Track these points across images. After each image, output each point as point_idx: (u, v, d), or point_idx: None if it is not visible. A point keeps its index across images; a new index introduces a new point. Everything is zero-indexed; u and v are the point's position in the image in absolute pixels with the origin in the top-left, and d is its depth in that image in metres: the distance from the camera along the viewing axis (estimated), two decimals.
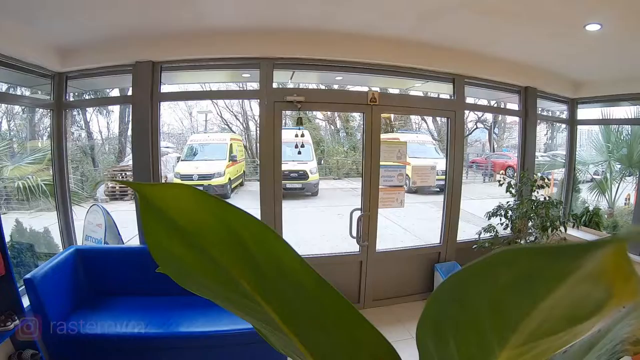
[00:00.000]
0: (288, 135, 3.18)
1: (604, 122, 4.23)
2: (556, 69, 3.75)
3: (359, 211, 3.08)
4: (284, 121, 3.53)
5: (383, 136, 3.44)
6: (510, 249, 0.25)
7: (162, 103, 2.76)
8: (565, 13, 2.32)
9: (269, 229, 0.33)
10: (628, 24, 2.42)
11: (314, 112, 12.25)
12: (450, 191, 3.45)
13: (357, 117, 12.52)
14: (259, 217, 2.67)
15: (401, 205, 3.28)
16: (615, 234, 0.24)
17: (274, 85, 2.78)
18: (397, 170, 3.24)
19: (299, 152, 3.88)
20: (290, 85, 3.29)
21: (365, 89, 3.40)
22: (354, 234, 3.08)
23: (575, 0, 2.16)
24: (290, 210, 6.74)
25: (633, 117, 3.98)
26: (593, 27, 2.47)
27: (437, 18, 2.46)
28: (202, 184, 7.66)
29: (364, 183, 3.09)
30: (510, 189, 3.39)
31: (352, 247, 3.20)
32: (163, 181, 4.04)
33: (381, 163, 3.10)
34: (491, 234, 3.33)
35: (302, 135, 3.30)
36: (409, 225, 6.25)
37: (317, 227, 6.24)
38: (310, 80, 5.13)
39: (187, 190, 0.33)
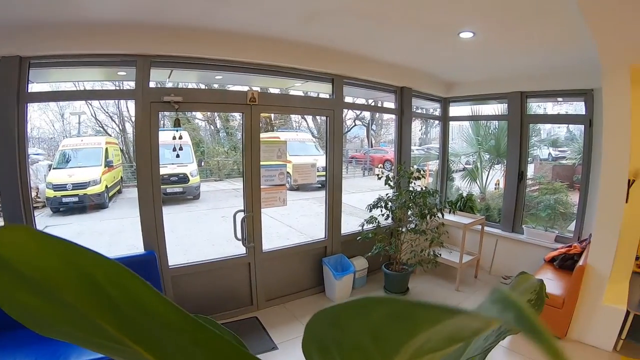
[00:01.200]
0: (166, 137, 3.44)
1: (474, 118, 5.55)
2: (431, 71, 4.81)
3: (242, 212, 3.48)
4: (162, 122, 3.82)
5: (263, 135, 3.93)
6: (378, 299, 0.29)
7: (30, 104, 2.78)
8: (441, 21, 2.92)
9: (123, 268, 0.35)
10: (498, 33, 3.20)
11: (194, 113, 12.48)
12: (331, 186, 4.13)
13: (237, 117, 13.11)
14: (139, 225, 3.04)
15: (284, 203, 3.76)
16: (483, 313, 0.26)
17: (151, 85, 2.98)
18: (278, 169, 3.70)
19: (177, 155, 4.31)
20: (170, 85, 3.57)
21: (246, 88, 3.83)
22: (239, 235, 3.47)
23: (452, 10, 2.71)
24: (173, 216, 6.98)
25: (499, 113, 5.37)
26: (466, 35, 3.18)
27: (318, 20, 2.86)
28: (78, 194, 7.95)
29: (245, 184, 3.49)
30: (389, 181, 4.19)
31: (239, 249, 3.59)
32: (34, 194, 3.89)
33: (262, 163, 3.52)
34: (373, 225, 4.11)
35: (180, 137, 3.61)
36: (294, 222, 7.31)
37: (201, 232, 6.94)
38: (189, 80, 5.37)
39: (28, 234, 0.33)
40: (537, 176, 5.45)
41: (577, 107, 4.88)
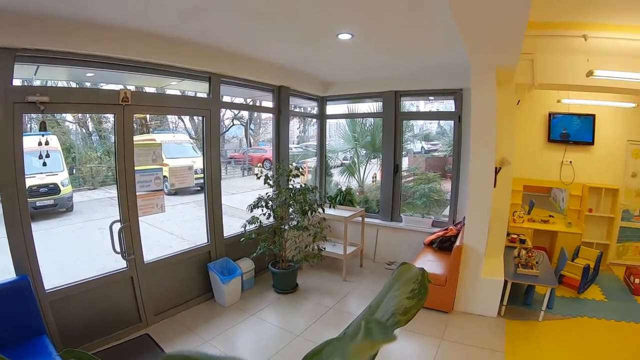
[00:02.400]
0: (31, 142, 3.54)
1: (350, 116, 6.83)
2: (309, 71, 5.84)
3: (119, 222, 3.76)
4: (28, 126, 3.77)
5: (138, 138, 4.40)
6: None
7: None
8: (321, 23, 3.53)
9: None
10: (374, 36, 3.98)
11: (63, 114, 12.24)
12: (210, 189, 4.77)
13: (111, 119, 13.16)
14: (6, 247, 3.02)
15: (162, 210, 4.20)
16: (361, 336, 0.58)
17: (16, 83, 3.01)
18: (154, 173, 4.10)
19: (44, 164, 4.57)
20: (37, 83, 3.57)
21: (120, 87, 4.05)
22: (118, 248, 3.75)
23: (331, 12, 3.24)
24: (45, 232, 7.02)
25: (374, 111, 6.75)
26: (345, 36, 3.89)
27: (200, 16, 3.23)
28: None
29: (120, 191, 3.78)
30: (268, 180, 4.99)
31: (120, 263, 3.86)
32: None
33: (136, 168, 3.85)
34: (256, 225, 4.88)
35: (47, 143, 3.80)
36: (175, 229, 8.07)
37: (79, 248, 7.23)
38: (59, 78, 5.47)
39: None
40: (411, 168, 6.92)
41: (448, 105, 6.43)
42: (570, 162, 6.68)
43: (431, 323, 4.31)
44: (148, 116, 13.79)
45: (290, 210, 5.06)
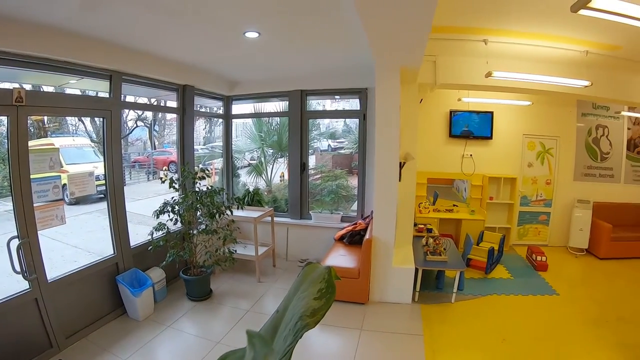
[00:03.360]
0: None
1: (256, 115, 7.51)
2: (215, 70, 6.39)
3: (17, 239, 3.75)
4: None
5: (33, 143, 4.36)
6: None
7: None
8: (228, 20, 3.84)
9: None
10: (281, 35, 4.44)
11: None
12: (113, 196, 5.02)
13: (5, 121, 12.54)
14: None
15: (63, 221, 4.25)
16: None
17: None
18: (52, 182, 4.12)
19: None
20: None
21: (15, 85, 4.06)
22: (18, 267, 3.71)
23: (238, 10, 3.55)
24: None
25: (281, 110, 7.51)
26: (252, 35, 4.31)
27: (102, 8, 3.35)
28: None
29: (15, 203, 3.74)
30: (173, 184, 5.44)
31: (22, 284, 3.81)
32: None
33: (32, 176, 3.84)
34: (163, 231, 5.25)
35: None
36: (79, 241, 8.17)
37: None
38: None
39: None
40: (318, 166, 7.82)
41: (353, 104, 7.37)
42: (471, 155, 8.20)
43: (349, 315, 4.95)
44: (45, 118, 13.35)
45: (198, 214, 5.48)
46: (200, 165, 6.25)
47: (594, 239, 8.44)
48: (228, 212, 5.51)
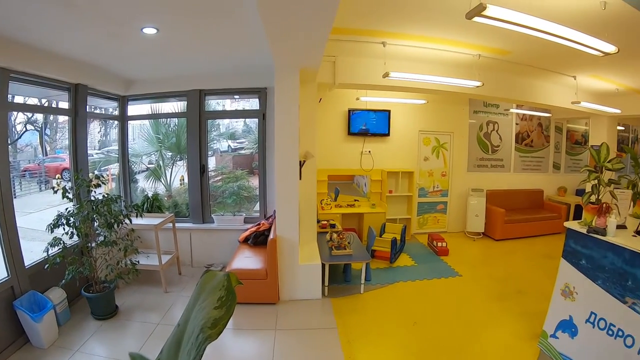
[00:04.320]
0: None
1: (153, 116, 7.47)
2: (110, 67, 6.23)
3: None
4: None
5: None
6: None
7: None
8: (124, 13, 3.74)
9: None
10: (180, 32, 4.44)
11: None
12: (1, 210, 4.42)
13: None
14: None
15: None
16: None
17: None
18: None
19: None
20: None
21: None
22: None
23: (134, 3, 3.47)
24: None
25: (179, 111, 7.56)
26: (150, 31, 4.25)
27: None
28: None
29: None
30: (67, 193, 5.12)
31: None
32: None
33: None
34: (59, 247, 4.83)
35: None
36: None
37: None
38: None
39: None
40: (219, 167, 7.85)
41: (253, 103, 7.50)
42: (369, 151, 8.92)
43: (262, 317, 5.10)
44: None
45: (95, 224, 5.23)
46: (96, 172, 6.05)
47: (490, 223, 9.68)
48: (127, 221, 5.29)
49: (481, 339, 4.79)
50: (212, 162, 7.69)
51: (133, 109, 7.38)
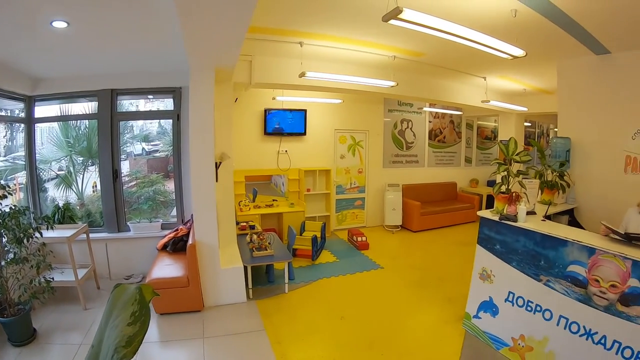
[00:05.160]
0: None
1: (62, 118, 7.24)
2: (15, 64, 5.80)
3: None
4: None
5: None
6: None
7: None
8: (31, 6, 3.59)
9: None
10: (92, 27, 4.29)
11: None
12: None
13: None
14: None
15: None
16: None
17: None
18: None
19: None
20: None
21: None
22: None
23: None
24: None
25: (90, 112, 7.26)
26: (60, 24, 4.08)
27: None
28: None
29: None
30: None
31: None
32: None
33: None
34: None
35: None
36: None
37: None
38: None
39: None
40: (133, 172, 7.65)
41: (168, 103, 7.39)
42: (286, 151, 9.19)
43: (188, 326, 5.01)
44: None
45: (4, 240, 4.80)
46: (2, 181, 5.66)
47: (407, 216, 10.36)
48: (37, 234, 4.89)
49: (409, 326, 5.14)
50: (125, 167, 7.49)
51: (41, 111, 6.93)
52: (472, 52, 4.70)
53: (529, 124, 14.33)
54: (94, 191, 7.57)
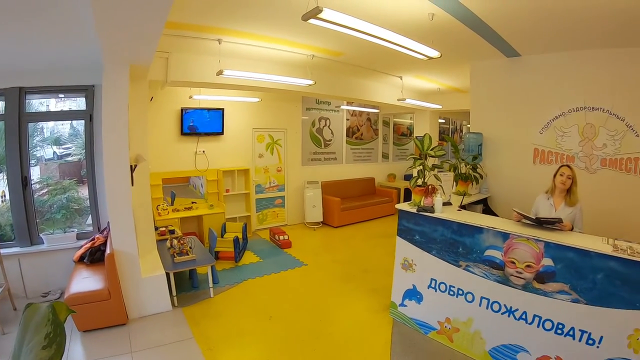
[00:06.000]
0: None
1: None
2: None
3: None
4: None
5: None
6: None
7: None
8: None
9: None
10: None
11: None
12: None
13: None
14: None
15: None
16: None
17: None
18: None
19: None
20: None
21: None
22: None
23: None
24: None
25: None
26: None
27: None
28: None
29: None
30: None
31: None
32: None
33: None
34: None
35: None
36: None
37: None
38: None
39: None
40: (44, 178, 7.26)
41: (80, 103, 7.11)
42: (204, 151, 9.21)
43: (114, 342, 4.74)
44: None
45: None
46: None
47: (327, 212, 10.78)
48: None
49: (338, 319, 5.36)
50: (36, 173, 7.07)
51: None
52: (390, 52, 4.98)
53: (443, 121, 15.38)
54: (2, 201, 7.19)
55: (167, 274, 5.65)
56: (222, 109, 9.20)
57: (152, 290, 5.47)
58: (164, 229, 7.58)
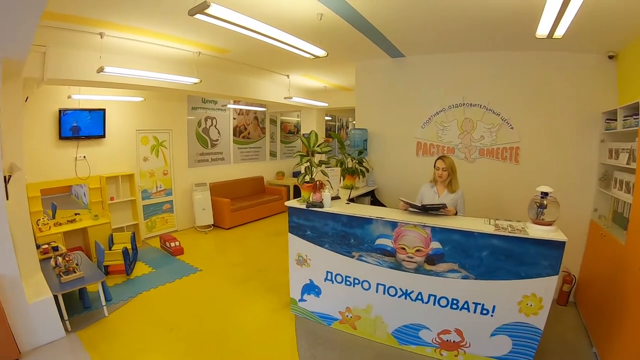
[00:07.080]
0: None
1: None
2: None
3: None
4: None
5: None
6: None
7: None
8: None
9: None
10: None
11: None
12: None
13: None
14: None
15: None
16: None
17: None
18: None
19: None
20: None
21: None
22: None
23: None
24: None
25: None
26: None
27: None
28: None
29: None
30: None
31: None
32: None
33: None
34: None
35: None
36: None
37: None
38: None
39: None
40: None
41: None
42: (84, 156, 8.57)
43: None
44: None
45: None
46: None
47: (218, 214, 10.75)
48: None
49: (240, 322, 5.45)
50: None
51: None
52: (277, 50, 5.12)
53: (330, 118, 15.91)
54: None
55: (56, 296, 5.12)
56: (104, 110, 8.65)
57: (42, 316, 4.92)
58: (46, 246, 6.93)
